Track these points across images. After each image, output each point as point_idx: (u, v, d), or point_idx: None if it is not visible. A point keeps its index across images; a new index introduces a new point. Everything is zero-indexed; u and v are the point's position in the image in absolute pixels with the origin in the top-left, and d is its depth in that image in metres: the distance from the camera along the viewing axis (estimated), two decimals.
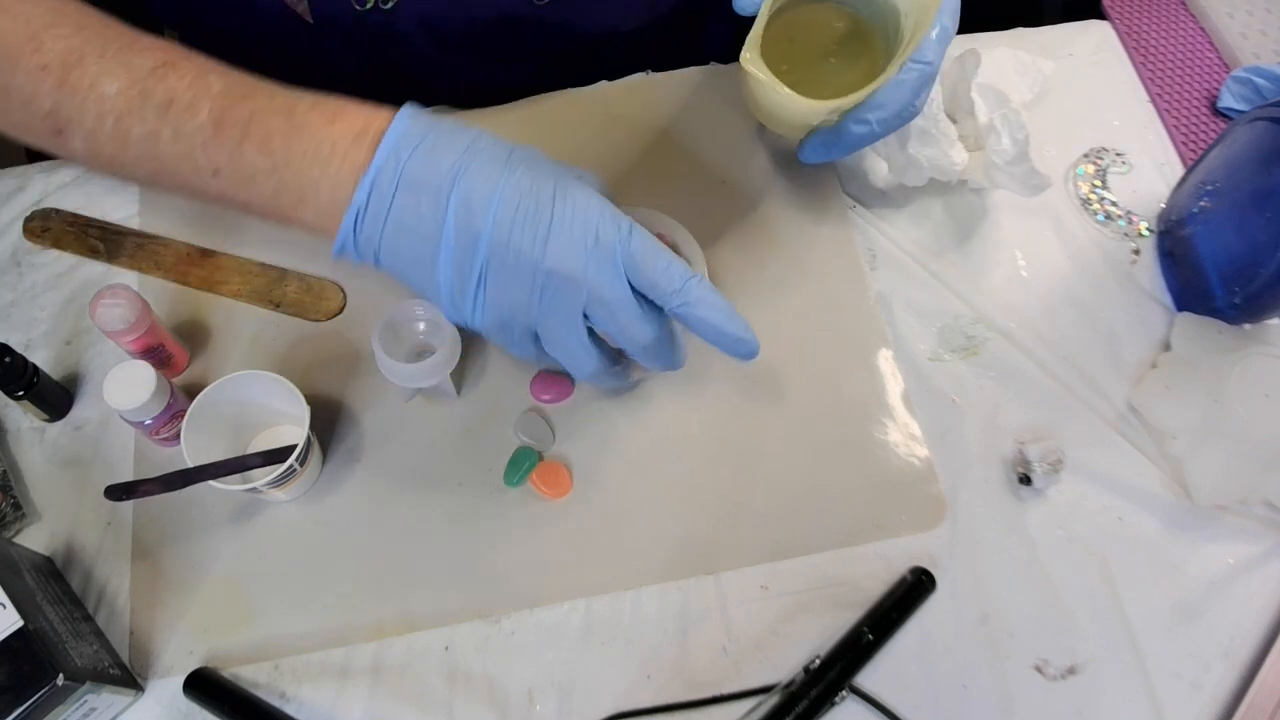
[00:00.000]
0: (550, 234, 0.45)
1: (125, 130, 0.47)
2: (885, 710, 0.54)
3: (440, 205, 0.45)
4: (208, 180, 0.48)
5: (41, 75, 0.47)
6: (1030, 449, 0.60)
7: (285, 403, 0.55)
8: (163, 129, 0.47)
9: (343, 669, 0.55)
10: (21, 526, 0.57)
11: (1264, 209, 0.58)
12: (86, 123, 0.48)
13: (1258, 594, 0.58)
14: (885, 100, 0.54)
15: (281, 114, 0.46)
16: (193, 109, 0.46)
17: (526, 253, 0.45)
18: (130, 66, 0.47)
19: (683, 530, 0.59)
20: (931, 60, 0.54)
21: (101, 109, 0.47)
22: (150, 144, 0.47)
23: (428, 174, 0.45)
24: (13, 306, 0.64)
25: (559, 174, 0.47)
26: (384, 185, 0.45)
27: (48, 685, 0.46)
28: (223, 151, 0.46)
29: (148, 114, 0.47)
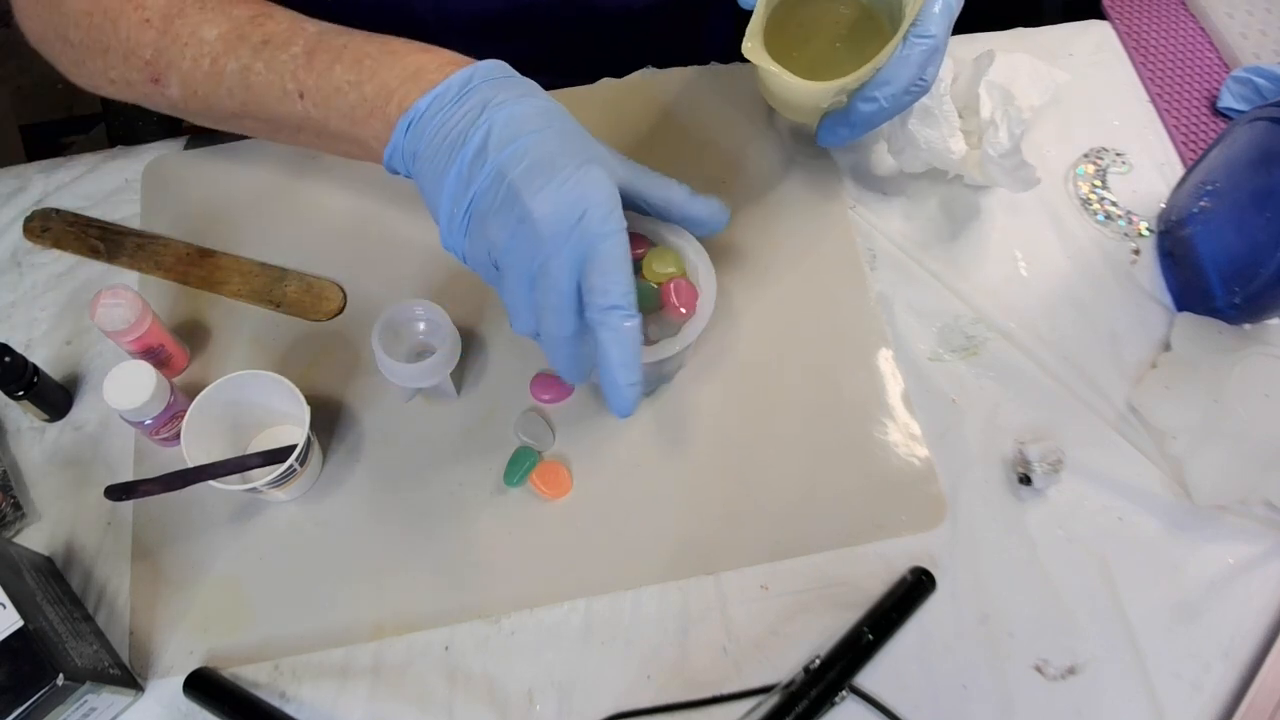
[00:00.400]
0: (546, 190, 0.45)
1: (221, 68, 0.54)
2: (885, 710, 0.54)
3: (471, 124, 0.47)
4: (293, 104, 0.53)
5: (144, 27, 0.54)
6: (1030, 449, 0.60)
7: (285, 403, 0.55)
8: (256, 62, 0.53)
9: (343, 669, 0.55)
10: (21, 526, 0.57)
11: (1264, 209, 0.58)
12: (184, 65, 0.54)
13: (1258, 594, 0.58)
14: (892, 76, 0.55)
15: (378, 43, 0.52)
16: (289, 44, 0.53)
17: (517, 194, 0.46)
18: (230, 15, 0.54)
19: (683, 530, 0.59)
20: (935, 34, 0.54)
21: (200, 52, 0.54)
22: (243, 76, 0.54)
23: (480, 100, 0.48)
24: (13, 306, 0.64)
25: (589, 152, 0.48)
26: (446, 97, 0.48)
27: (48, 685, 0.46)
28: (312, 74, 0.52)
29: (244, 52, 0.53)
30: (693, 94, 0.73)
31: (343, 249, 0.66)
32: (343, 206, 0.68)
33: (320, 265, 0.66)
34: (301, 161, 0.69)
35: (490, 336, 0.64)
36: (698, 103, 0.73)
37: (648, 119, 0.72)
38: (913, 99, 0.57)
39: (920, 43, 0.54)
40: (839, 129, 0.60)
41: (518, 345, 0.63)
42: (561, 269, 0.46)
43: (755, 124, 0.72)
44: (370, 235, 0.67)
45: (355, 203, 0.68)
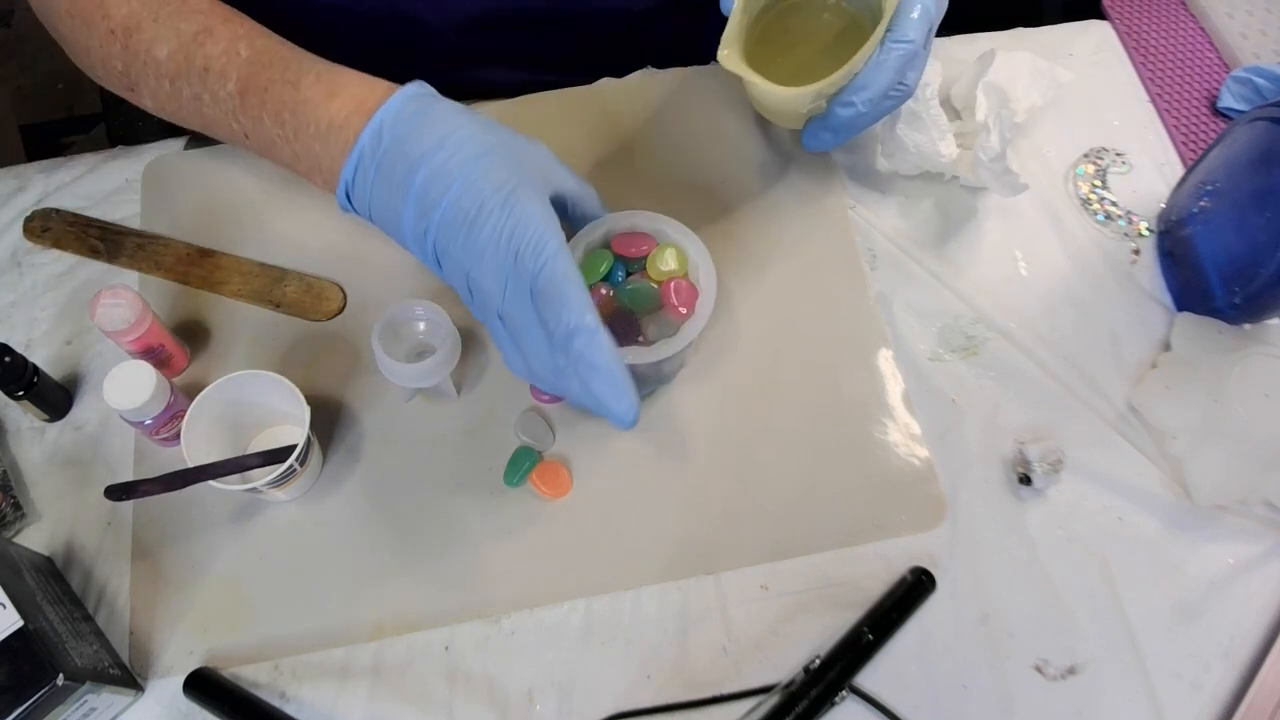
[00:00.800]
0: (475, 246, 0.46)
1: (178, 91, 0.54)
2: (885, 710, 0.54)
3: (406, 193, 0.47)
4: (244, 141, 0.54)
5: (110, 38, 0.54)
6: (1030, 449, 0.60)
7: (285, 403, 0.55)
8: (203, 93, 0.53)
9: (343, 669, 0.55)
10: (21, 526, 0.57)
11: (1264, 209, 0.58)
12: (149, 83, 0.54)
13: (1258, 594, 0.58)
14: (869, 81, 0.55)
15: (290, 87, 0.51)
16: (224, 77, 0.52)
17: (458, 257, 0.47)
18: (178, 32, 0.53)
19: (683, 530, 0.59)
20: (913, 39, 0.54)
21: (158, 71, 0.53)
22: (196, 106, 0.54)
23: (399, 161, 0.47)
24: (13, 306, 0.64)
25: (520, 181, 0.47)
26: (366, 166, 0.48)
27: (48, 685, 0.46)
28: (248, 119, 0.52)
29: (192, 78, 0.53)
30: (693, 94, 0.73)
31: (343, 249, 0.66)
32: None
33: (320, 265, 0.66)
34: None
35: (490, 336, 0.64)
36: (698, 102, 0.73)
37: (648, 119, 0.72)
38: (894, 104, 0.57)
39: (897, 47, 0.54)
40: (821, 134, 0.60)
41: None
42: (518, 312, 0.46)
43: (754, 124, 0.72)
44: (370, 235, 0.66)
45: None
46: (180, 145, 0.71)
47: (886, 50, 0.54)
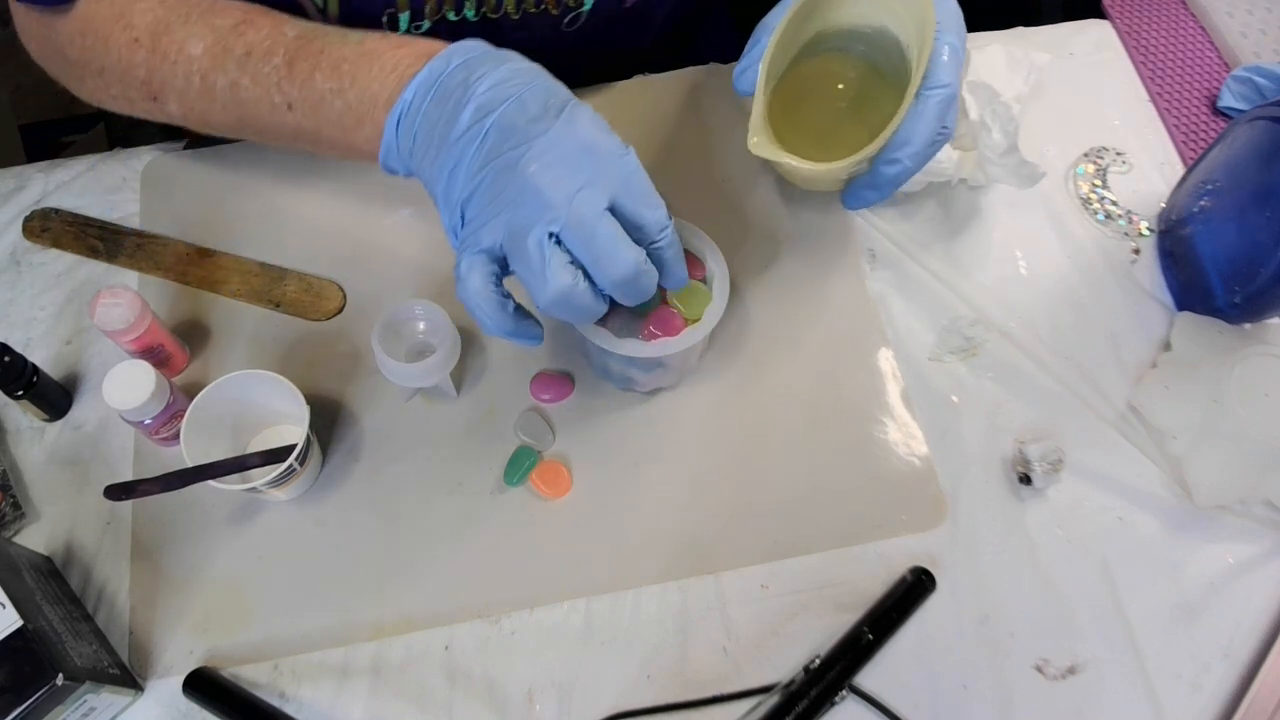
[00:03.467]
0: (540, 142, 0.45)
1: (211, 84, 0.53)
2: (885, 710, 0.54)
3: (461, 104, 0.47)
4: (284, 116, 0.53)
5: (134, 47, 0.54)
6: (1030, 449, 0.60)
7: (285, 403, 0.55)
8: (242, 77, 0.53)
9: (343, 669, 0.55)
10: (21, 526, 0.57)
11: (1264, 208, 0.58)
12: (177, 84, 0.54)
13: (1258, 594, 0.58)
14: (911, 134, 0.53)
15: (353, 44, 0.51)
16: (270, 54, 0.52)
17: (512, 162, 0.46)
18: (213, 27, 0.53)
19: (683, 530, 0.59)
20: (948, 82, 0.53)
21: (190, 69, 0.53)
22: (233, 92, 0.53)
23: (461, 81, 0.47)
24: (12, 306, 0.64)
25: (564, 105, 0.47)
26: (425, 90, 0.48)
27: (47, 685, 0.46)
28: (295, 84, 0.52)
29: (230, 66, 0.53)
30: (689, 97, 0.73)
31: (343, 249, 0.66)
32: (343, 206, 0.68)
33: (320, 265, 0.66)
34: (301, 162, 0.69)
35: (490, 336, 0.64)
36: (695, 104, 0.73)
37: (644, 122, 0.72)
38: (935, 151, 0.55)
39: (935, 94, 0.53)
40: (864, 193, 0.58)
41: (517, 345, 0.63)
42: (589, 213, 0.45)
43: None
44: (370, 235, 0.67)
45: (355, 203, 0.68)
46: (180, 145, 0.71)
47: (924, 100, 0.53)
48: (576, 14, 0.65)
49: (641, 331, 0.55)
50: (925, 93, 0.53)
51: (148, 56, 0.54)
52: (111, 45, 0.54)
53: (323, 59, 0.51)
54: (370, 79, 0.50)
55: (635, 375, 0.59)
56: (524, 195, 0.45)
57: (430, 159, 0.48)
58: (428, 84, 0.48)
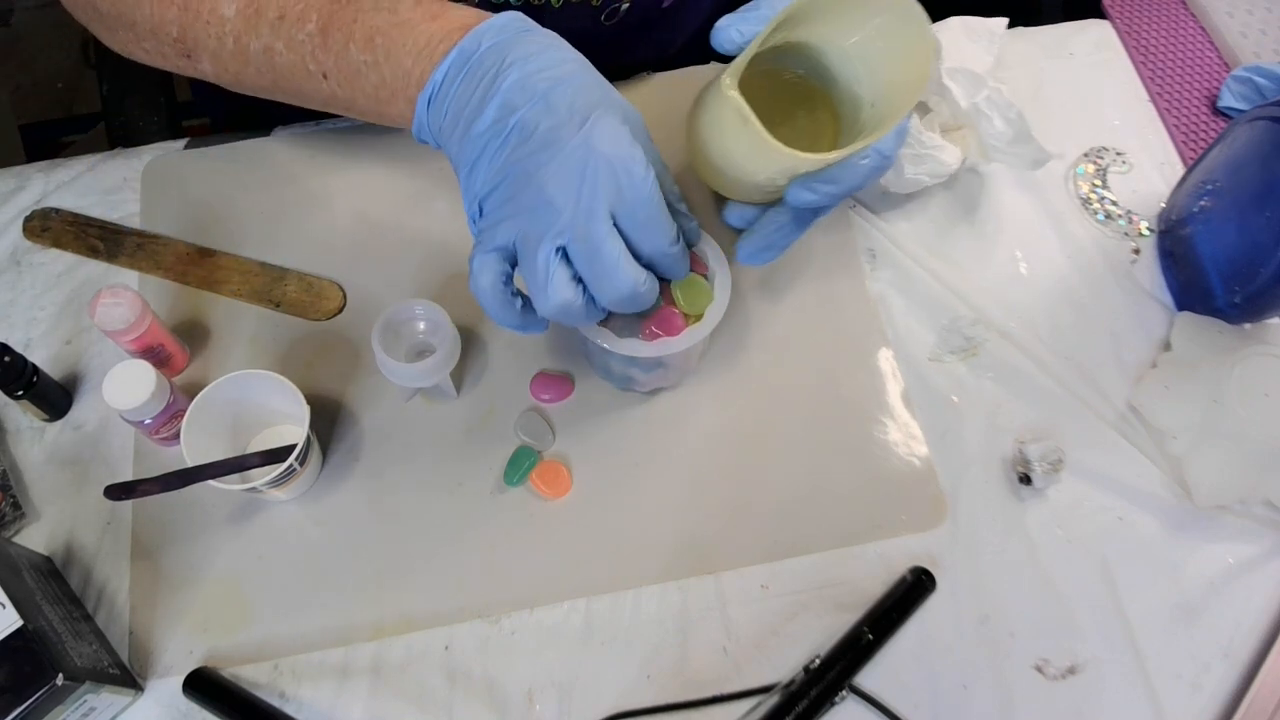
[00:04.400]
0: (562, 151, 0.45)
1: (245, 47, 0.53)
2: (885, 710, 0.54)
3: (491, 91, 0.46)
4: (319, 84, 0.52)
5: (166, 5, 0.53)
6: (1030, 449, 0.60)
7: (285, 402, 0.55)
8: (276, 42, 0.52)
9: (343, 669, 0.55)
10: (21, 526, 0.57)
11: (1264, 208, 0.58)
12: (210, 44, 0.53)
13: (1258, 594, 0.58)
14: (841, 177, 0.52)
15: (386, 13, 0.50)
16: (303, 20, 0.51)
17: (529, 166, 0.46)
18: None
19: (683, 530, 0.59)
20: (889, 154, 0.53)
21: (222, 30, 0.53)
22: (267, 56, 0.52)
23: (493, 62, 0.47)
24: (12, 306, 0.64)
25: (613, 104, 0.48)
26: (457, 70, 0.47)
27: (47, 685, 0.46)
28: (330, 54, 0.51)
29: (263, 30, 0.52)
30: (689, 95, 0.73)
31: (343, 249, 0.66)
32: (343, 206, 0.68)
33: (320, 265, 0.66)
34: (302, 161, 0.69)
35: (490, 336, 0.64)
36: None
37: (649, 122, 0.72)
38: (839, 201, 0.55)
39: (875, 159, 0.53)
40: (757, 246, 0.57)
41: (518, 345, 0.63)
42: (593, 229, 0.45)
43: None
44: (370, 235, 0.67)
45: (355, 203, 0.68)
46: (180, 145, 0.71)
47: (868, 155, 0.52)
48: (615, 8, 0.65)
49: (642, 331, 0.55)
50: (874, 152, 0.52)
51: (180, 14, 0.53)
52: (144, 1, 0.53)
53: (356, 29, 0.50)
54: (404, 54, 0.49)
55: (636, 375, 0.59)
56: (537, 204, 0.46)
57: (456, 144, 0.48)
58: (459, 65, 0.47)
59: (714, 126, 0.54)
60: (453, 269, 0.65)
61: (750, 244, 0.57)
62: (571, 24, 0.65)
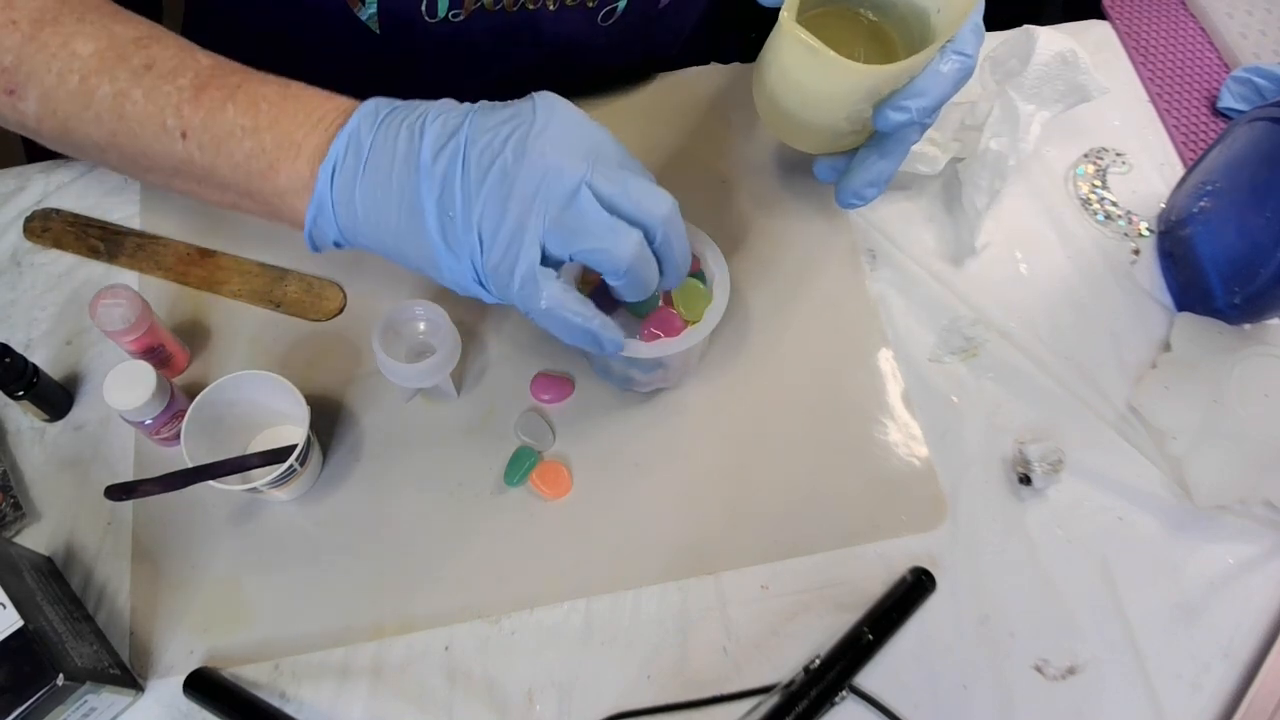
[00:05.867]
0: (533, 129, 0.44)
1: (91, 89, 0.47)
2: (885, 710, 0.54)
3: (415, 139, 0.44)
4: (172, 143, 0.47)
5: (8, 30, 0.48)
6: (1030, 449, 0.60)
7: (285, 403, 0.55)
8: (134, 90, 0.47)
9: (343, 669, 0.55)
10: (21, 526, 0.57)
11: (1264, 209, 0.58)
12: (48, 80, 0.48)
13: (1258, 594, 0.58)
14: (927, 88, 0.50)
15: (276, 84, 0.48)
16: (175, 74, 0.47)
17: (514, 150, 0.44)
18: (112, 33, 0.48)
19: (683, 530, 0.59)
20: (970, 54, 0.51)
21: (69, 66, 0.47)
22: (116, 103, 0.47)
23: (402, 120, 0.45)
24: (13, 306, 0.64)
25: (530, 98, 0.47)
26: (362, 136, 0.45)
27: (48, 685, 0.46)
28: (199, 111, 0.47)
29: (121, 74, 0.47)
30: (690, 95, 0.73)
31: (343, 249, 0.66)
32: None
33: (320, 265, 0.66)
34: None
35: (490, 336, 0.64)
36: (696, 103, 0.73)
37: (645, 121, 0.72)
38: (935, 119, 0.53)
39: (956, 59, 0.50)
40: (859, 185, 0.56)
41: (518, 345, 0.63)
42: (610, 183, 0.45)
43: (754, 124, 0.72)
44: None
45: None
46: None
47: (946, 60, 0.50)
48: (612, 8, 0.64)
49: (642, 332, 0.55)
50: (949, 54, 0.50)
51: (22, 42, 0.47)
52: None
53: (239, 92, 0.47)
54: (294, 124, 0.46)
55: (635, 375, 0.59)
56: (546, 178, 0.44)
57: (394, 207, 0.45)
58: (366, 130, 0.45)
59: (783, 72, 0.53)
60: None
61: (850, 184, 0.56)
62: (569, 27, 0.65)
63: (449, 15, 0.61)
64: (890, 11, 0.58)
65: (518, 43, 0.65)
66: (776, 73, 0.54)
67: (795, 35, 0.49)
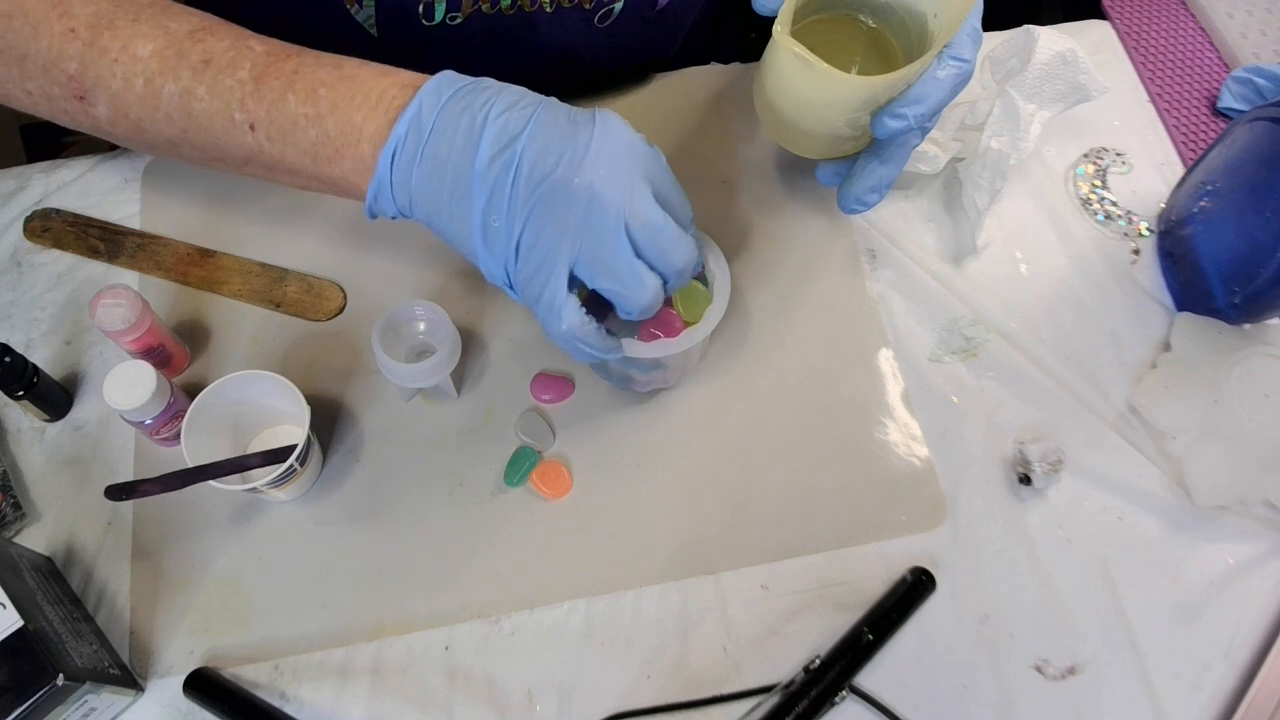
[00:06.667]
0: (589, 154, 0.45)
1: (157, 90, 0.48)
2: (885, 710, 0.54)
3: (475, 134, 0.45)
4: (242, 135, 0.48)
5: (68, 38, 0.48)
6: (1030, 449, 0.60)
7: (285, 403, 0.55)
8: (198, 87, 0.48)
9: (343, 669, 0.55)
10: (21, 526, 0.57)
11: (1264, 209, 0.58)
12: (114, 84, 0.48)
13: (1258, 594, 0.58)
14: (924, 95, 0.51)
15: (330, 66, 0.47)
16: (233, 66, 0.48)
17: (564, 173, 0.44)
18: (167, 30, 0.48)
19: (683, 530, 0.59)
20: (968, 59, 0.51)
21: (132, 70, 0.48)
22: (183, 101, 0.48)
23: (465, 108, 0.45)
24: (13, 306, 0.64)
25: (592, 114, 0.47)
26: (423, 120, 0.45)
27: (48, 685, 0.46)
28: (263, 103, 0.47)
29: (183, 72, 0.48)
30: (690, 95, 0.73)
31: (343, 249, 0.66)
32: (343, 206, 0.67)
33: (320, 265, 0.66)
34: None
35: (490, 336, 0.64)
36: (696, 104, 0.73)
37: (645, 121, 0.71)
38: (933, 125, 0.54)
39: (954, 65, 0.50)
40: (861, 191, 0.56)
41: (518, 345, 0.63)
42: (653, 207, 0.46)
43: (754, 124, 0.72)
44: (370, 235, 0.67)
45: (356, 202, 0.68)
46: None
47: (943, 66, 0.50)
48: (609, 9, 0.64)
49: (641, 332, 0.55)
50: (947, 60, 0.50)
51: (83, 49, 0.48)
52: (43, 32, 0.48)
53: (297, 79, 0.47)
54: (353, 108, 0.46)
55: (635, 375, 0.59)
56: (590, 210, 0.45)
57: (446, 197, 0.45)
58: (429, 114, 0.45)
59: (780, 83, 0.53)
60: (453, 269, 0.65)
61: (851, 190, 0.57)
62: (566, 29, 0.65)
63: (446, 19, 0.61)
64: (889, 16, 0.58)
65: (515, 45, 0.65)
66: (773, 82, 0.54)
67: (788, 48, 0.49)
